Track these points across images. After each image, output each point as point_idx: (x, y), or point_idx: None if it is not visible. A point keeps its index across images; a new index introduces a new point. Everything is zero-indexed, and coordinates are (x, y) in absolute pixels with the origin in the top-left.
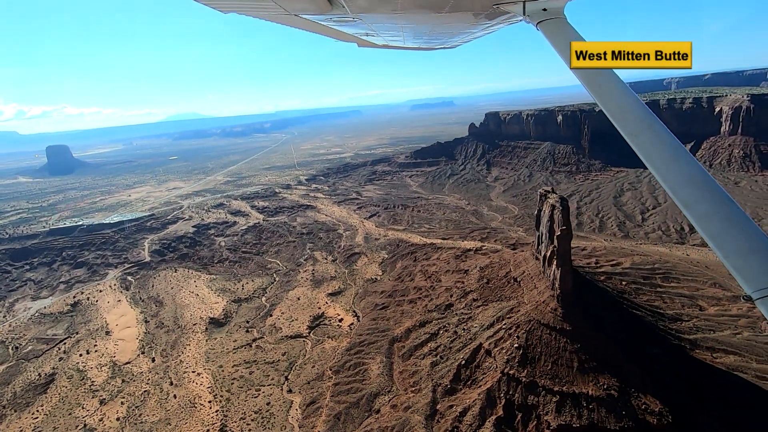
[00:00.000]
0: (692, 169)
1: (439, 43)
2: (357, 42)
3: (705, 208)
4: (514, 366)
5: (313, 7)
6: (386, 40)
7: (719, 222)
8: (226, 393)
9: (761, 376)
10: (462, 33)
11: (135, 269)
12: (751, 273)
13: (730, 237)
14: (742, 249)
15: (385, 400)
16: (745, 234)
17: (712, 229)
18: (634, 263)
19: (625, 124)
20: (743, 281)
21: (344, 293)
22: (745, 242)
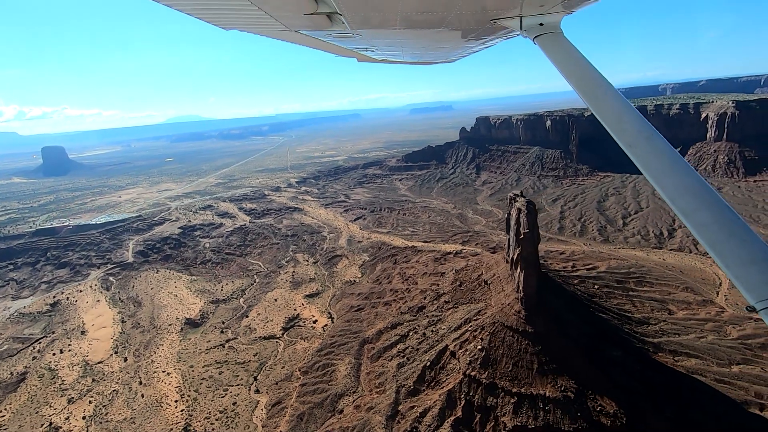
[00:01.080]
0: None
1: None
2: (357, 57)
3: (704, 218)
4: (476, 367)
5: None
6: (385, 56)
7: (719, 231)
8: (194, 393)
9: (720, 379)
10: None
11: (117, 270)
12: (753, 283)
13: (731, 246)
14: (743, 259)
15: (350, 400)
16: (746, 244)
17: (712, 239)
18: (610, 267)
19: (623, 135)
20: (746, 292)
21: (322, 295)
22: (746, 252)
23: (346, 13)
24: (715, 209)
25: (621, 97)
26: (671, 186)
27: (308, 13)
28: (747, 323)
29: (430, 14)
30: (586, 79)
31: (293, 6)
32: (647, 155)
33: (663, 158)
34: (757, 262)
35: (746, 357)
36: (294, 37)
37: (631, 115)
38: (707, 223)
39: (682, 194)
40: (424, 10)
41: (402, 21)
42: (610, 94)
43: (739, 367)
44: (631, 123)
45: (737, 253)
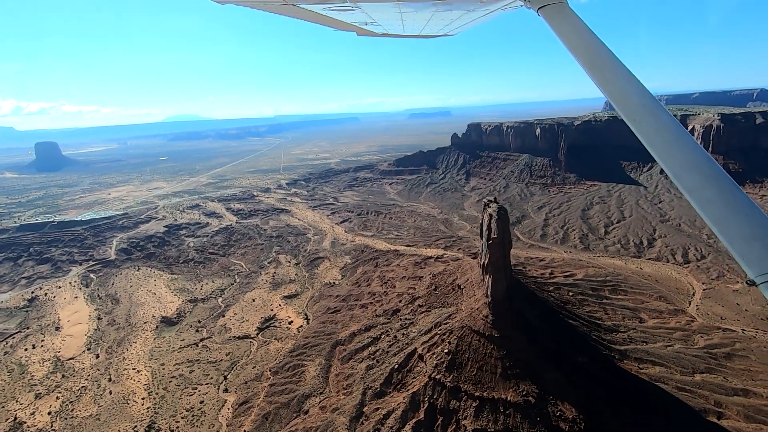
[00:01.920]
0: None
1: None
2: (356, 31)
3: (709, 194)
4: (441, 371)
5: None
6: (386, 29)
7: (723, 208)
8: (162, 390)
9: (681, 387)
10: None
11: (99, 267)
12: (754, 258)
13: (734, 223)
14: (746, 235)
15: (316, 401)
16: (749, 220)
17: (715, 215)
18: (587, 275)
19: (627, 110)
20: (747, 266)
21: (300, 296)
22: (749, 228)
23: None
24: (720, 186)
25: (627, 71)
26: (676, 162)
27: None
28: (715, 333)
29: None
30: (591, 52)
31: None
32: (652, 131)
33: (668, 134)
34: (760, 238)
35: (710, 366)
36: (291, 11)
37: (636, 90)
38: (712, 200)
39: (687, 171)
40: None
41: None
42: (616, 68)
43: (702, 376)
44: (636, 97)
45: (740, 228)
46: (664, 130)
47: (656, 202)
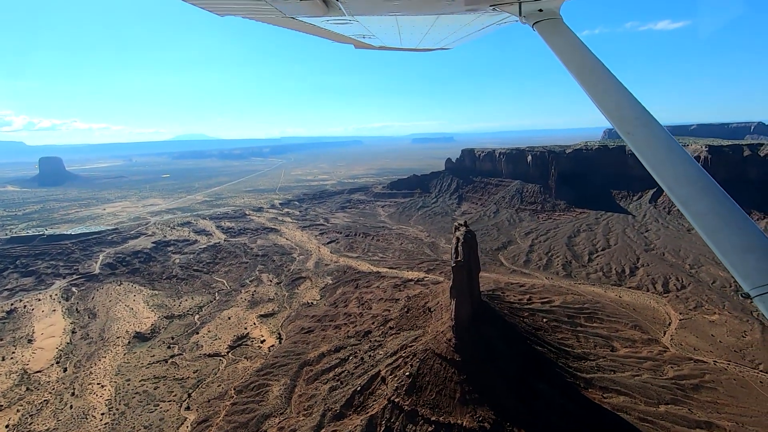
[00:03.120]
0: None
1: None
2: (354, 43)
3: (702, 206)
4: (401, 394)
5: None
6: (383, 42)
7: (716, 220)
8: (123, 406)
9: (644, 418)
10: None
11: (82, 281)
12: (748, 271)
13: (728, 235)
14: (739, 247)
15: (275, 422)
16: (743, 232)
17: (709, 227)
18: (565, 302)
19: (621, 123)
20: (741, 279)
21: (276, 315)
22: (743, 240)
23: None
24: (713, 198)
25: (620, 84)
26: (669, 174)
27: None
28: (686, 364)
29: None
30: (585, 66)
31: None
32: (645, 143)
33: (661, 146)
34: (754, 250)
35: (676, 397)
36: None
37: (629, 103)
38: (705, 212)
39: (680, 183)
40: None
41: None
42: (610, 82)
43: (667, 407)
44: (629, 110)
45: (734, 241)
46: (658, 143)
47: (643, 231)
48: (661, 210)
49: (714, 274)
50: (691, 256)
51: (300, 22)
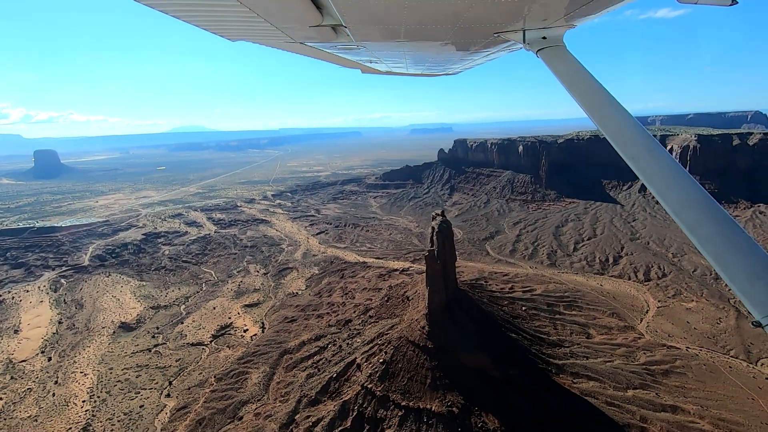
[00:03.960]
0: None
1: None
2: (361, 68)
3: (709, 231)
4: (374, 380)
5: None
6: (389, 67)
7: (724, 245)
8: (105, 394)
9: (611, 402)
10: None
11: (71, 272)
12: (759, 298)
13: (736, 261)
14: (749, 273)
15: (252, 408)
16: (752, 258)
17: (716, 253)
18: (547, 290)
19: (626, 149)
20: (751, 306)
21: (261, 305)
22: (752, 266)
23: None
24: (720, 223)
25: (624, 110)
26: (675, 200)
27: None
28: (658, 350)
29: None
30: (588, 92)
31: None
32: (651, 169)
33: (667, 172)
34: (764, 277)
35: (645, 382)
36: (299, 49)
37: (634, 129)
38: (712, 237)
39: (686, 208)
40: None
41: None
42: (613, 108)
43: (635, 391)
44: (634, 136)
45: (743, 267)
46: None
47: (630, 220)
48: (650, 199)
49: (696, 262)
50: (674, 244)
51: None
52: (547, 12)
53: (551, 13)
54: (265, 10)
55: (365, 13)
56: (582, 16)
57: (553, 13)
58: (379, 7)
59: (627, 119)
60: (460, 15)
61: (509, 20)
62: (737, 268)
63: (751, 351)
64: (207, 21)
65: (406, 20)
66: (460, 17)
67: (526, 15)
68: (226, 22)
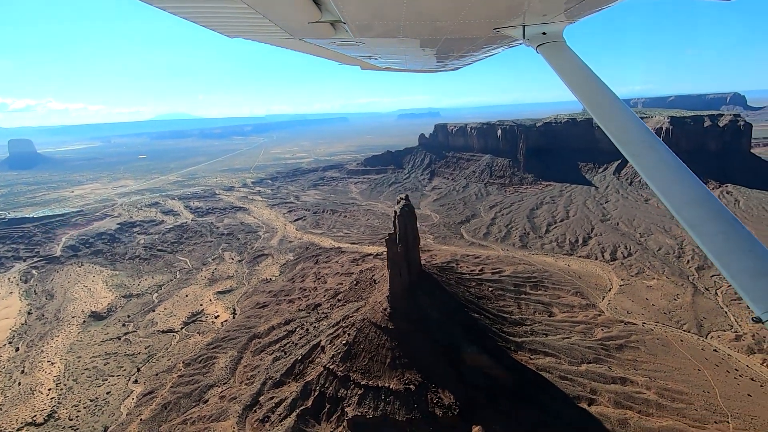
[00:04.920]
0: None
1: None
2: (360, 65)
3: (709, 228)
4: (336, 361)
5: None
6: (388, 64)
7: (725, 242)
8: (72, 382)
9: (564, 377)
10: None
11: (42, 263)
12: (759, 294)
13: (737, 258)
14: (750, 270)
15: (217, 391)
16: (753, 255)
17: (717, 249)
18: (516, 271)
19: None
20: (752, 303)
21: (234, 292)
22: (753, 263)
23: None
24: (721, 220)
25: (625, 107)
26: (676, 197)
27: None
28: (616, 326)
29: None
30: (589, 88)
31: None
32: (651, 166)
33: (668, 168)
34: (764, 274)
35: (599, 356)
36: (298, 45)
37: (635, 125)
38: (713, 234)
39: (687, 205)
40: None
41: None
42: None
43: (588, 366)
44: (635, 133)
45: (743, 264)
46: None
47: (603, 202)
48: (623, 181)
49: (661, 242)
50: (643, 225)
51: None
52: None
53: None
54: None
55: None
56: (582, 11)
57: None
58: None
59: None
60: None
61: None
62: (738, 265)
63: (703, 325)
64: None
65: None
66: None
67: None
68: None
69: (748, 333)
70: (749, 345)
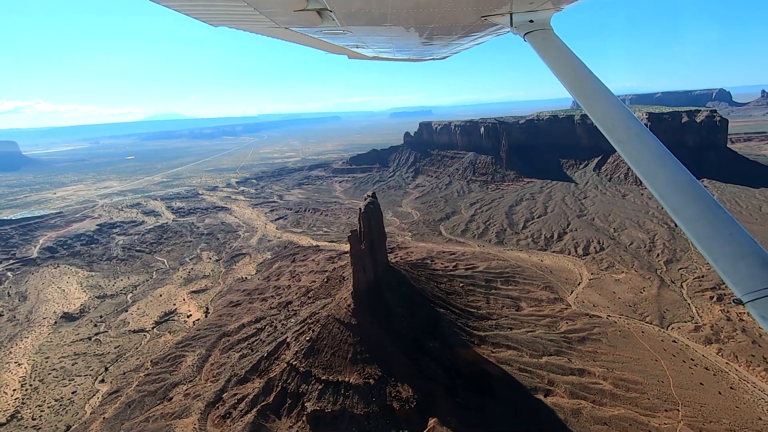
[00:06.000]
0: (679, 175)
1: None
2: (347, 54)
3: (692, 213)
4: (299, 357)
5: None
6: (376, 52)
7: (707, 226)
8: (38, 382)
9: (523, 369)
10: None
11: (18, 265)
12: (740, 277)
13: (719, 242)
14: (730, 254)
15: (182, 389)
16: (734, 239)
17: (699, 234)
18: (489, 267)
19: (613, 132)
20: (733, 285)
21: (208, 291)
22: (734, 247)
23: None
24: (703, 205)
25: (611, 94)
26: (661, 182)
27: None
28: (580, 319)
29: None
30: (576, 76)
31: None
32: (637, 152)
33: (653, 155)
34: (745, 257)
35: (560, 349)
36: (284, 34)
37: (621, 113)
38: (696, 219)
39: (671, 190)
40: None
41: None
42: (600, 92)
43: (549, 358)
44: (621, 120)
45: (725, 248)
46: (649, 151)
47: (581, 198)
48: (603, 177)
49: (633, 236)
50: (618, 220)
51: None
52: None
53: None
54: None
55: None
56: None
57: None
58: None
59: (613, 103)
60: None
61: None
62: (720, 249)
63: (665, 317)
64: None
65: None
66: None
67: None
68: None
69: (708, 324)
70: (707, 335)
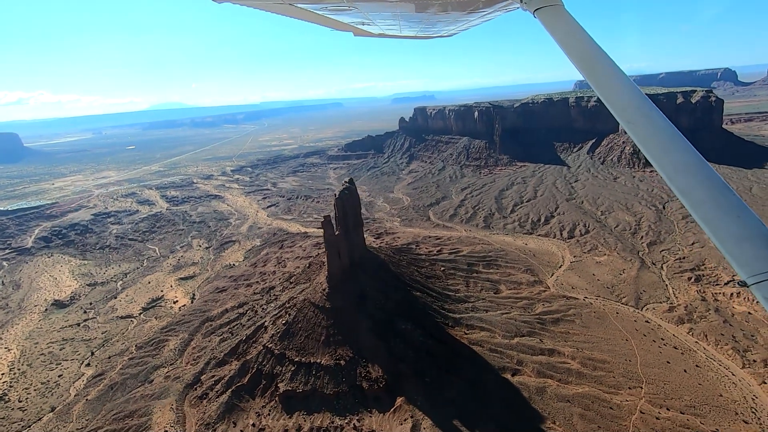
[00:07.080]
0: (688, 156)
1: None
2: (353, 31)
3: (700, 195)
4: (275, 340)
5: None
6: (382, 29)
7: (714, 209)
8: (26, 366)
9: (494, 349)
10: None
11: (13, 255)
12: (745, 259)
13: (725, 223)
14: (737, 236)
15: (163, 371)
16: (740, 221)
17: (707, 216)
18: (473, 251)
19: (623, 113)
20: (738, 267)
21: (196, 278)
22: (740, 229)
23: None
24: (712, 187)
25: (623, 74)
26: (669, 164)
27: None
28: (557, 300)
29: None
30: (587, 54)
31: None
32: (646, 133)
33: (662, 136)
34: (750, 239)
35: (533, 330)
36: (288, 10)
37: (631, 93)
38: (703, 201)
39: (679, 172)
40: None
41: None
42: (612, 71)
43: (521, 339)
44: (631, 100)
45: (732, 230)
46: (659, 133)
47: (572, 181)
48: (596, 160)
49: (620, 219)
50: (606, 203)
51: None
52: None
53: None
54: None
55: None
56: None
57: None
58: None
59: (625, 83)
60: None
61: None
62: (726, 231)
63: (641, 298)
64: None
65: None
66: None
67: None
68: None
69: (682, 304)
70: (680, 315)
